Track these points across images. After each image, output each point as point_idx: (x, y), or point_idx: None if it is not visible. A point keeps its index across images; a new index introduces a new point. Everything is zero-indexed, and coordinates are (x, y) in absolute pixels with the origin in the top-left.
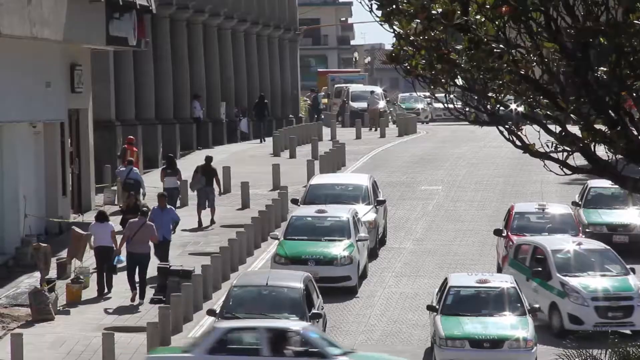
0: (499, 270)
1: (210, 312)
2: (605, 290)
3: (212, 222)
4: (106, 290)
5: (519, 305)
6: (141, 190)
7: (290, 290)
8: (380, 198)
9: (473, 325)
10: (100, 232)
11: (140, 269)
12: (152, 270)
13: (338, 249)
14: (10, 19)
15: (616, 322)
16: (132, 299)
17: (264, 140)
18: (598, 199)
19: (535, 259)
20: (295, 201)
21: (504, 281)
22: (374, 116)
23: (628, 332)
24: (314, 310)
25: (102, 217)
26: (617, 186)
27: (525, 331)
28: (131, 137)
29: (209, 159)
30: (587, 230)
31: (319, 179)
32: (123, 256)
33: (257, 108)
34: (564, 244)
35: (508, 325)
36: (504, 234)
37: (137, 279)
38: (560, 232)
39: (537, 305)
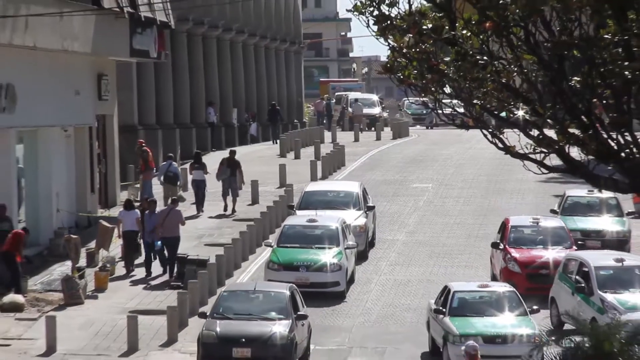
0: (494, 280)
1: (202, 315)
2: None
3: (234, 210)
4: (132, 269)
5: (519, 306)
6: (179, 182)
7: (277, 293)
8: (370, 204)
9: (484, 324)
10: (127, 218)
11: (170, 250)
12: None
13: (328, 256)
14: (44, 34)
15: None
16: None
17: (277, 142)
18: (574, 207)
19: (580, 274)
20: (291, 207)
21: (502, 286)
22: (357, 121)
23: None
24: (300, 312)
25: (129, 206)
26: (591, 196)
27: (530, 328)
28: (142, 140)
29: (232, 153)
30: None
31: (313, 186)
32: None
33: (270, 114)
34: (608, 260)
35: (514, 323)
36: (500, 247)
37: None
38: (554, 245)
39: (536, 307)
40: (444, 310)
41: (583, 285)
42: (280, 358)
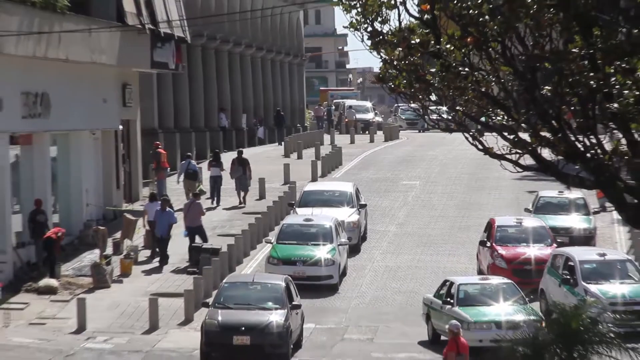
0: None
1: (205, 305)
2: (623, 296)
3: (244, 202)
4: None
5: (518, 295)
6: (198, 177)
7: (274, 285)
8: (362, 202)
9: (494, 312)
10: (151, 209)
11: (195, 238)
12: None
13: (322, 252)
14: (75, 48)
15: (633, 324)
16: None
17: (281, 144)
18: (546, 207)
19: (566, 267)
20: (291, 204)
21: (500, 278)
22: (349, 125)
23: None
24: (294, 302)
25: (153, 198)
26: (561, 196)
27: (533, 315)
28: (158, 142)
29: (240, 152)
30: None
31: (311, 186)
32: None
33: (275, 119)
34: (591, 255)
35: (518, 310)
36: (488, 245)
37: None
38: (536, 243)
39: (532, 296)
40: (452, 301)
41: (569, 277)
42: (277, 345)
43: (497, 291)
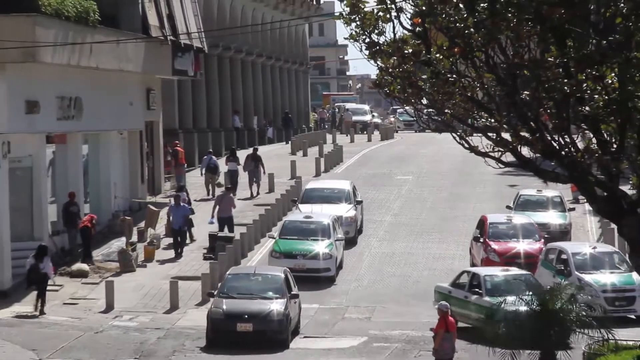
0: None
1: (210, 294)
2: (613, 284)
3: (258, 193)
4: (188, 240)
5: (537, 285)
6: (218, 172)
7: (274, 276)
8: (359, 199)
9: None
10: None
11: (225, 228)
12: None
13: (321, 246)
14: (105, 58)
15: (622, 309)
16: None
17: (288, 143)
18: (526, 204)
19: (559, 260)
20: (294, 201)
21: (519, 270)
22: (347, 126)
23: (633, 317)
24: (293, 292)
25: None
26: (540, 194)
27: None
28: (177, 141)
29: (255, 150)
30: None
31: (312, 183)
32: (214, 219)
33: (284, 121)
34: (582, 248)
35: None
36: (481, 240)
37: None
38: (526, 238)
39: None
40: (481, 291)
41: (563, 269)
42: (277, 331)
43: (520, 282)
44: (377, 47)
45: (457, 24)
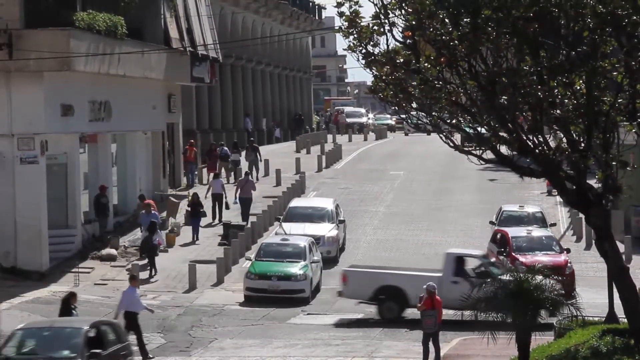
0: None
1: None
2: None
3: (257, 178)
4: (217, 221)
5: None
6: (229, 159)
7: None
8: (341, 218)
9: None
10: (215, 184)
11: (245, 208)
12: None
13: (295, 268)
14: (131, 67)
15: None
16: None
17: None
18: (508, 220)
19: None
20: (278, 219)
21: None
22: (342, 127)
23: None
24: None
25: (216, 176)
26: (522, 210)
27: None
28: (192, 140)
29: (252, 141)
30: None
31: (296, 202)
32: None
33: (296, 122)
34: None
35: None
36: (504, 254)
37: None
38: (547, 250)
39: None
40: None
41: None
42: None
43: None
44: (372, 57)
45: (443, 37)
